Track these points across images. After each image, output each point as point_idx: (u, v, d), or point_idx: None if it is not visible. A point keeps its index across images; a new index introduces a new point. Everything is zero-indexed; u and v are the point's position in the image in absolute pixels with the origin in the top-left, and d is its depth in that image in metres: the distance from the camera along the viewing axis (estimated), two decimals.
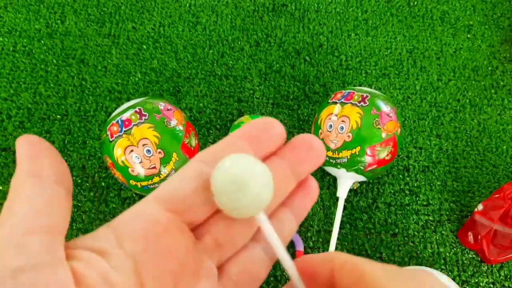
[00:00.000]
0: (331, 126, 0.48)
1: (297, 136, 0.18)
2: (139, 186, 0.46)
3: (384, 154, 0.47)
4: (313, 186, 0.19)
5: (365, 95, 0.48)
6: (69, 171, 0.15)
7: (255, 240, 0.18)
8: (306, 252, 0.50)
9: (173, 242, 0.16)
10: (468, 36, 0.66)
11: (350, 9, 0.68)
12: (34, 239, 0.13)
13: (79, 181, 0.53)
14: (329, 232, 0.50)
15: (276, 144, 0.18)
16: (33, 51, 0.62)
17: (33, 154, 0.14)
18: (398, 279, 0.14)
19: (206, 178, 0.16)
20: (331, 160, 0.49)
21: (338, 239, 0.50)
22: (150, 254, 0.15)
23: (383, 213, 0.52)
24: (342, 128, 0.47)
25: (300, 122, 0.58)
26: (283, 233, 0.18)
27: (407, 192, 0.54)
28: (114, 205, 0.52)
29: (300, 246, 0.49)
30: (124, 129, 0.44)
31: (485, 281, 0.48)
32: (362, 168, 0.48)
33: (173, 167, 0.45)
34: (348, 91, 0.50)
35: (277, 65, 0.62)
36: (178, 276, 0.16)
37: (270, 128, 0.18)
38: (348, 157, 0.47)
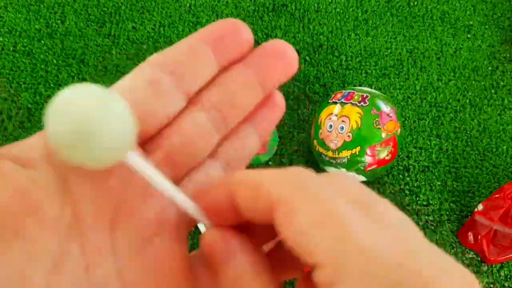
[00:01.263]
0: (331, 126, 0.48)
1: (267, 42, 0.16)
2: None
3: (384, 154, 0.47)
4: (278, 100, 0.17)
5: (365, 95, 0.48)
6: None
7: (213, 157, 0.16)
8: None
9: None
10: (468, 36, 0.66)
11: (350, 9, 0.68)
12: None
13: None
14: None
15: (243, 50, 0.16)
16: (33, 51, 0.62)
17: None
18: (299, 187, 0.12)
19: (160, 87, 0.14)
20: (331, 160, 0.49)
21: None
22: (85, 172, 0.13)
23: None
24: (342, 128, 0.47)
25: (300, 122, 0.58)
26: (244, 151, 0.16)
27: (407, 192, 0.54)
28: None
29: None
30: None
31: (485, 281, 0.48)
32: (362, 168, 0.48)
33: None
34: (348, 91, 0.50)
35: None
36: (119, 197, 0.13)
37: (237, 31, 0.15)
38: (348, 157, 0.47)
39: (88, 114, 0.11)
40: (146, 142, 0.15)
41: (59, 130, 0.11)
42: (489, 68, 0.64)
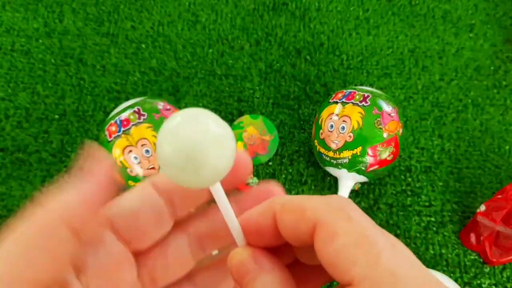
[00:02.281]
0: (332, 126, 0.48)
1: (260, 185, 0.17)
2: None
3: (385, 154, 0.47)
4: None
5: (366, 94, 0.48)
6: None
7: (189, 278, 0.18)
8: None
9: (123, 278, 0.16)
10: (470, 35, 0.66)
11: (351, 8, 0.67)
12: None
13: None
14: None
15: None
16: (31, 51, 0.62)
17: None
18: (340, 213, 0.13)
19: (154, 204, 0.16)
20: (332, 161, 0.48)
21: None
22: None
23: (384, 214, 0.52)
24: (343, 128, 0.47)
25: (301, 122, 0.58)
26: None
27: (409, 193, 0.53)
28: None
29: None
30: (122, 129, 0.44)
31: (487, 283, 0.48)
32: (363, 168, 0.47)
33: None
34: (349, 90, 0.49)
35: (278, 64, 0.62)
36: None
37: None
38: (350, 157, 0.47)
39: (194, 138, 0.12)
40: (136, 257, 0.17)
41: (169, 152, 0.12)
42: (492, 68, 0.63)
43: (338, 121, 0.47)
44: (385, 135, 0.46)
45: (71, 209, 0.13)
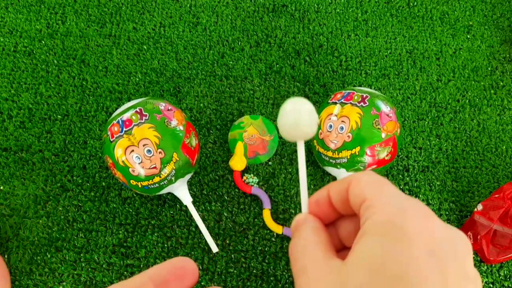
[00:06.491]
0: (331, 126, 0.48)
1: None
2: (140, 186, 0.46)
3: (383, 154, 0.47)
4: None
5: (365, 95, 0.48)
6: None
7: None
8: None
9: None
10: (468, 36, 0.66)
11: (350, 10, 0.68)
12: None
13: (80, 181, 0.53)
14: None
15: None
16: (34, 52, 0.62)
17: None
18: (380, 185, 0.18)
19: None
20: (331, 160, 0.49)
21: None
22: None
23: None
24: (342, 128, 0.47)
25: None
26: None
27: (406, 192, 0.54)
28: (114, 205, 0.52)
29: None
30: (124, 129, 0.44)
31: (484, 281, 0.48)
32: (362, 168, 0.48)
33: (174, 167, 0.45)
34: (348, 91, 0.50)
35: (277, 65, 0.62)
36: None
37: (183, 276, 0.17)
38: (348, 157, 0.47)
39: (299, 111, 0.22)
40: None
41: (284, 117, 0.22)
42: (489, 69, 0.64)
43: (337, 121, 0.48)
44: (383, 135, 0.47)
45: None
